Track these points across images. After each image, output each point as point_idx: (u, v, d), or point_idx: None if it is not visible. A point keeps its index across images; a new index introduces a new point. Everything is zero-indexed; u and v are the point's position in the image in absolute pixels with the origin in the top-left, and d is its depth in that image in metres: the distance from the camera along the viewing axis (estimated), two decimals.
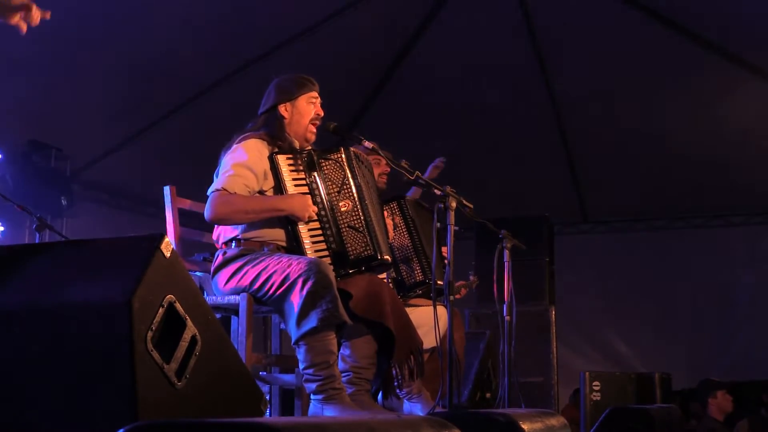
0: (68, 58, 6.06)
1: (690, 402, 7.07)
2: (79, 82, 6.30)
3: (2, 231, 6.27)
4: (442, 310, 3.29)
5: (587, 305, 8.98)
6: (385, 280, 3.68)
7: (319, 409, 2.87)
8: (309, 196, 3.12)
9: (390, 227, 3.58)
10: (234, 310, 3.10)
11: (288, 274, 2.87)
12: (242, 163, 3.08)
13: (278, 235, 3.13)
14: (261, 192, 3.13)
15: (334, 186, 3.15)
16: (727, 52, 6.95)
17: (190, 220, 3.54)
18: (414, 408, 3.33)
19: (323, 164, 3.18)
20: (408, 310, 3.30)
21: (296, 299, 2.84)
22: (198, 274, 3.76)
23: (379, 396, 3.38)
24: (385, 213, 3.91)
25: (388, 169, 4.06)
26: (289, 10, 6.56)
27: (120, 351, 1.88)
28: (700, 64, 7.11)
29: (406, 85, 7.71)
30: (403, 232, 3.99)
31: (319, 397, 2.87)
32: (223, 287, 3.11)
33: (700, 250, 8.88)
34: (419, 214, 4.09)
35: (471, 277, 4.78)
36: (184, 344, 2.03)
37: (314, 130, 3.32)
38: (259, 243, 3.11)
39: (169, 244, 2.04)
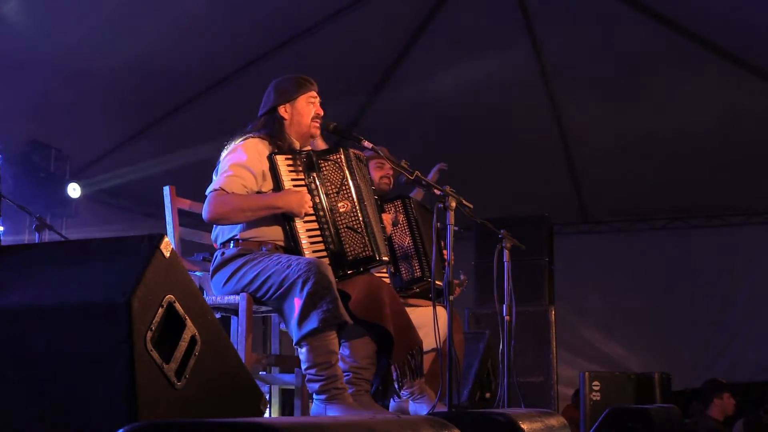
0: (68, 58, 6.06)
1: (692, 402, 7.06)
2: (79, 83, 6.30)
3: (2, 231, 6.26)
4: (441, 311, 3.29)
5: (587, 305, 8.98)
6: (386, 275, 3.69)
7: (321, 409, 2.87)
8: (305, 191, 3.12)
9: (387, 221, 3.57)
10: (233, 310, 3.10)
11: (287, 275, 2.87)
12: (241, 164, 3.08)
13: (277, 234, 3.13)
14: (259, 193, 3.13)
15: (333, 187, 3.16)
16: (727, 52, 6.95)
17: (190, 220, 3.54)
18: (419, 408, 3.33)
19: (322, 165, 3.18)
20: (408, 310, 3.30)
21: (296, 300, 2.84)
22: (198, 274, 3.76)
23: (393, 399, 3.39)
24: (388, 210, 3.93)
25: (392, 172, 4.08)
26: (290, 10, 6.56)
27: (120, 351, 1.88)
28: (701, 64, 7.11)
29: (405, 85, 7.71)
30: (405, 230, 4.00)
31: (322, 397, 2.87)
32: (222, 288, 3.11)
33: (700, 250, 8.88)
34: (422, 214, 4.10)
35: (462, 276, 4.78)
36: (183, 344, 2.03)
37: (317, 126, 3.32)
38: (257, 243, 3.11)
39: (168, 244, 2.04)
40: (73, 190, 6.80)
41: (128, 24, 5.99)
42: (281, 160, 3.15)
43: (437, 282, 3.63)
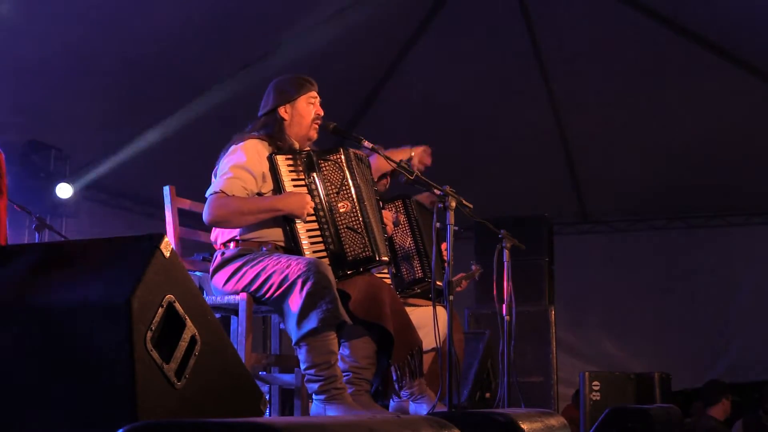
0: (68, 58, 6.06)
1: (695, 401, 7.06)
2: (79, 82, 6.30)
3: None
4: (441, 311, 3.29)
5: (587, 305, 8.97)
6: (387, 276, 3.69)
7: (321, 409, 2.87)
8: (306, 193, 3.12)
9: (388, 219, 3.57)
10: (234, 310, 3.10)
11: (287, 275, 2.87)
12: (240, 165, 3.08)
13: (277, 235, 3.13)
14: (260, 194, 3.13)
15: (333, 187, 3.16)
16: (727, 52, 6.95)
17: (189, 220, 3.54)
18: (419, 408, 3.34)
19: (322, 165, 3.18)
20: (408, 310, 3.30)
21: (296, 300, 2.84)
22: (198, 274, 3.76)
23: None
24: (389, 210, 3.93)
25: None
26: (290, 10, 6.56)
27: (120, 351, 1.88)
28: (700, 64, 7.10)
29: (405, 86, 7.71)
30: (405, 230, 4.00)
31: (321, 397, 2.87)
32: (222, 288, 3.11)
33: (700, 250, 8.87)
34: (422, 214, 4.10)
35: (473, 267, 4.76)
36: (183, 344, 2.04)
37: (316, 128, 3.32)
38: (257, 243, 3.11)
39: (168, 244, 2.04)
40: (60, 190, 6.75)
41: (128, 24, 5.99)
42: (281, 161, 3.15)
43: (437, 282, 3.64)
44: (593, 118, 7.94)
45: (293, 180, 3.14)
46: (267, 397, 3.14)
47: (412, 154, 4.01)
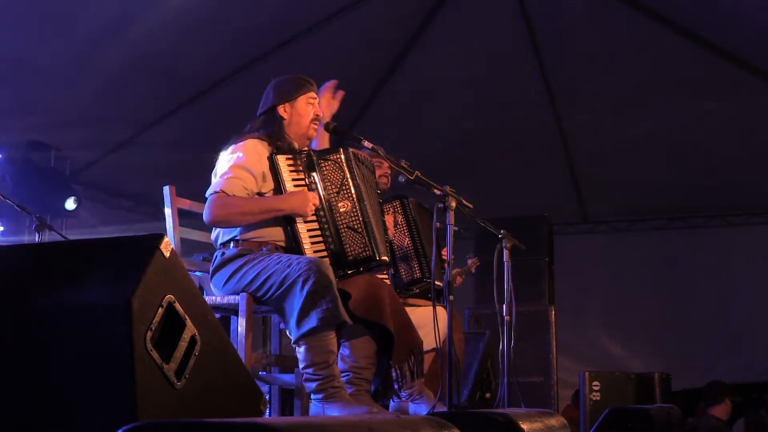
0: (68, 58, 6.06)
1: (695, 401, 7.06)
2: (79, 82, 6.30)
3: (2, 231, 6.27)
4: (441, 311, 3.29)
5: (587, 305, 8.98)
6: (386, 277, 3.70)
7: (320, 408, 2.87)
8: (308, 191, 3.12)
9: (390, 223, 3.58)
10: (234, 310, 3.10)
11: (288, 274, 2.87)
12: (240, 165, 3.08)
13: (277, 235, 3.13)
14: (260, 194, 3.13)
15: (333, 186, 3.16)
16: (727, 52, 6.95)
17: (189, 220, 3.54)
18: (418, 409, 3.34)
19: (322, 165, 3.18)
20: (408, 310, 3.30)
21: (296, 299, 2.84)
22: (198, 274, 3.76)
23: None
24: (387, 211, 3.92)
25: (389, 171, 4.07)
26: (290, 11, 6.56)
27: (120, 351, 1.88)
28: (700, 64, 7.10)
29: (405, 86, 7.71)
30: (404, 230, 4.00)
31: (319, 396, 2.87)
32: (222, 288, 3.11)
33: (700, 250, 8.88)
34: (421, 214, 4.10)
35: (469, 261, 4.75)
36: (183, 344, 2.04)
37: (315, 128, 3.32)
38: (257, 243, 3.11)
39: (168, 244, 2.04)
40: (68, 203, 6.80)
41: (128, 24, 5.99)
42: (282, 160, 3.15)
43: (437, 282, 3.64)
44: (593, 118, 7.94)
45: (294, 180, 3.14)
46: (267, 397, 3.15)
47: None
